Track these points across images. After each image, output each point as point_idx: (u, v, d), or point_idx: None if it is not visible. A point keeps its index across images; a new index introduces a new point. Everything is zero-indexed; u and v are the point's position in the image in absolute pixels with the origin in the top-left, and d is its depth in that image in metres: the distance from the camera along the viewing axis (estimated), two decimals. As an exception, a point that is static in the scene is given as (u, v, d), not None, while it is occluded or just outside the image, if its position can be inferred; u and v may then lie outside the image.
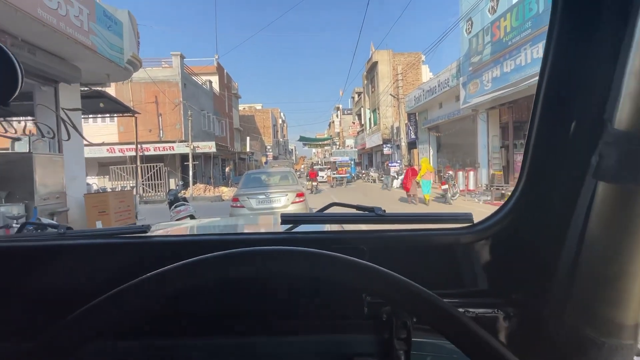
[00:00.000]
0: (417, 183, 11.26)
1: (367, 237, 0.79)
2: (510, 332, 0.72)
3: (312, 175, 19.29)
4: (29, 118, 8.54)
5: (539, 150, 0.66)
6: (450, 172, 12.59)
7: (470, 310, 0.73)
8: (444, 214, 0.79)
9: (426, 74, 25.56)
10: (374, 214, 0.80)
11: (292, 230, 0.88)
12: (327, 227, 1.30)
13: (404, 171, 13.62)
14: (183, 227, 1.84)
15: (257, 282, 0.72)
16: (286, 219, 0.80)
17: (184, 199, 8.10)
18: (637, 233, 0.50)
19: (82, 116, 8.09)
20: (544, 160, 0.66)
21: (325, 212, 0.87)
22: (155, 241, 0.83)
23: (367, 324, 0.73)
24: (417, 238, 0.78)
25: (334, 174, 24.18)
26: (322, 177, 26.38)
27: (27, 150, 5.57)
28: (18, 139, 5.81)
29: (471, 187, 12.85)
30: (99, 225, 6.47)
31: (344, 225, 1.21)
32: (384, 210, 0.80)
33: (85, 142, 7.98)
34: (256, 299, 0.74)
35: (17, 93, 0.58)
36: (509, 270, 0.74)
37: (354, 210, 0.83)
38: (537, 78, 0.65)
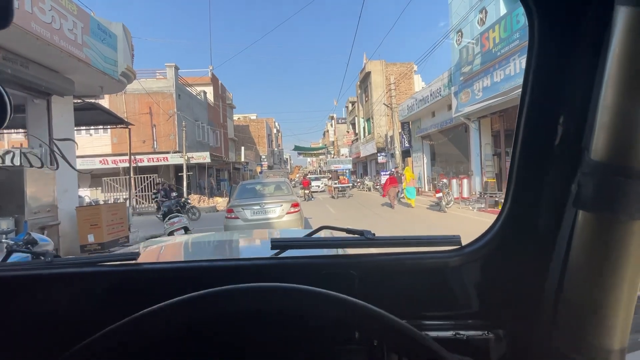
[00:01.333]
0: (400, 190, 13.63)
1: (357, 262, 0.79)
2: (500, 354, 0.73)
3: (305, 184, 21.03)
4: (21, 131, 8.47)
5: (522, 176, 0.68)
6: (445, 180, 12.70)
7: (461, 332, 0.73)
8: (432, 237, 0.80)
9: (418, 83, 25.96)
10: (363, 238, 0.80)
11: (282, 255, 0.87)
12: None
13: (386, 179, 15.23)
14: (173, 245, 1.82)
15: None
16: (276, 244, 0.79)
17: (178, 211, 8.05)
18: (618, 261, 0.52)
19: (76, 128, 8.05)
20: (527, 186, 0.68)
21: (315, 235, 0.87)
22: (144, 269, 0.82)
23: (358, 349, 0.73)
24: (406, 261, 0.79)
25: (335, 183, 22.19)
26: (319, 186, 26.27)
27: (19, 164, 5.50)
28: (8, 152, 5.75)
29: (465, 194, 12.94)
30: (90, 238, 6.38)
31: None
32: (374, 234, 0.81)
33: (77, 152, 7.89)
34: (241, 327, 0.73)
35: (5, 124, 0.58)
36: (498, 292, 0.75)
37: (344, 233, 0.84)
38: None
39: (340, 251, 1.04)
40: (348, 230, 0.84)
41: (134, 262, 0.80)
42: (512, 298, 0.72)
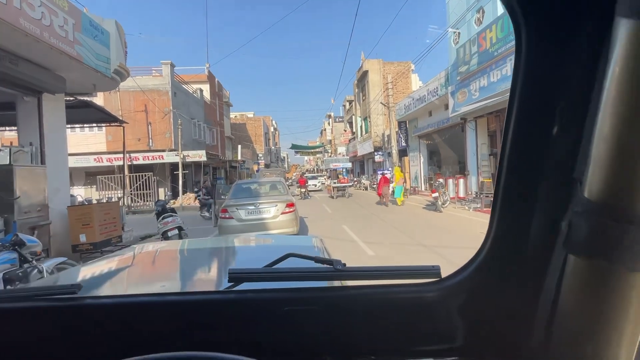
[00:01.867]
0: (391, 189, 14.27)
1: (324, 296, 0.73)
2: None
3: (302, 183, 21.11)
4: (12, 128, 8.34)
5: (506, 207, 0.61)
6: (441, 180, 12.69)
7: None
8: (409, 268, 0.73)
9: (416, 82, 25.97)
10: (332, 269, 0.73)
11: (240, 288, 0.78)
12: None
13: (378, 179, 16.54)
14: (142, 255, 1.74)
15: None
16: (233, 276, 0.72)
17: (172, 210, 7.96)
18: (614, 315, 0.46)
19: (69, 126, 7.94)
20: (512, 219, 0.62)
21: (279, 265, 0.79)
22: (86, 304, 0.74)
23: None
24: (380, 295, 0.73)
25: (335, 182, 21.20)
26: (315, 185, 25.99)
27: (8, 162, 5.41)
28: (-1, 151, 5.64)
29: (461, 194, 12.95)
30: (82, 238, 6.29)
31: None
32: (344, 264, 0.75)
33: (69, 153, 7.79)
34: None
35: None
36: (481, 329, 0.69)
37: (312, 262, 0.77)
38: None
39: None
40: (317, 259, 0.77)
41: (74, 295, 0.72)
42: (497, 335, 0.67)
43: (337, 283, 0.86)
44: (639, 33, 0.37)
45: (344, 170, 33.05)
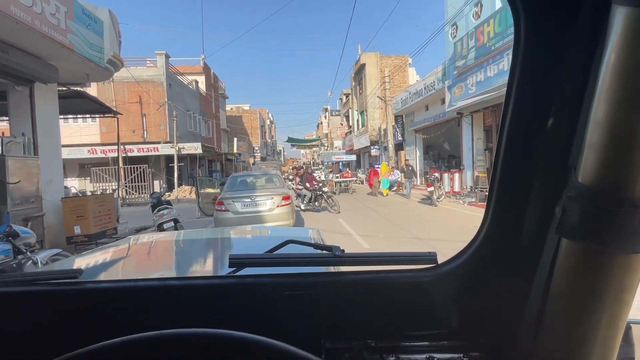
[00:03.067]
0: (379, 181, 15.48)
1: (323, 281, 0.74)
2: None
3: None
4: (3, 118, 8.20)
5: (502, 193, 0.63)
6: (436, 174, 12.75)
7: (436, 356, 0.70)
8: (406, 254, 0.75)
9: (413, 76, 25.87)
10: (331, 254, 0.74)
11: (241, 274, 0.80)
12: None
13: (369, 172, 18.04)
14: (139, 246, 1.74)
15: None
16: (233, 261, 0.73)
17: (168, 202, 7.93)
18: (604, 297, 0.47)
19: (61, 116, 7.82)
20: (508, 205, 0.63)
21: (278, 251, 0.80)
22: (87, 288, 0.75)
23: None
24: (377, 280, 0.74)
25: (337, 177, 18.89)
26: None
27: (0, 153, 5.33)
28: (-10, 141, 5.56)
29: (456, 188, 13.05)
30: (77, 230, 6.26)
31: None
32: (343, 250, 0.76)
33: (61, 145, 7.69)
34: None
35: None
36: (475, 313, 0.71)
37: (311, 249, 0.79)
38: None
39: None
40: (316, 246, 0.79)
41: (75, 280, 0.73)
42: (490, 321, 0.69)
43: (335, 269, 0.87)
44: (635, 21, 0.37)
45: (340, 163, 32.77)
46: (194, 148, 19.06)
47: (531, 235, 0.59)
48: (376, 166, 18.00)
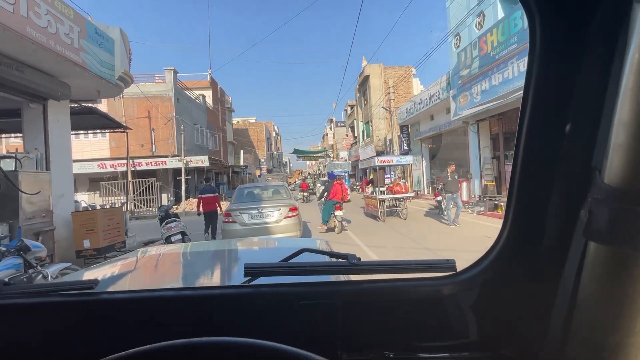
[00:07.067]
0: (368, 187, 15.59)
1: (339, 290, 0.73)
2: None
3: (304, 187, 21.67)
4: (18, 135, 8.42)
5: (523, 196, 0.61)
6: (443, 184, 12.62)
7: None
8: (424, 262, 0.73)
9: (417, 86, 25.99)
10: (347, 263, 0.73)
11: (256, 283, 0.79)
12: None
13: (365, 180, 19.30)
14: (148, 258, 1.75)
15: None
16: (249, 270, 0.72)
17: (176, 215, 7.99)
18: (637, 303, 0.45)
19: (73, 132, 8.00)
20: (529, 209, 0.61)
21: (293, 260, 0.79)
22: (102, 299, 0.76)
23: None
24: (395, 289, 0.72)
25: (383, 192, 11.76)
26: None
27: (13, 169, 5.45)
28: (4, 157, 5.70)
29: (464, 197, 12.89)
30: (86, 244, 6.31)
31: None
32: (359, 258, 0.74)
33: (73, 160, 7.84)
34: None
35: None
36: (497, 323, 0.68)
37: (326, 257, 0.78)
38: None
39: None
40: (331, 254, 0.78)
41: (91, 290, 0.73)
42: (513, 331, 0.66)
43: (349, 278, 0.86)
44: None
45: (346, 174, 32.10)
46: (201, 161, 19.27)
47: (555, 239, 0.57)
48: (387, 176, 18.51)
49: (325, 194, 9.51)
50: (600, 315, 0.49)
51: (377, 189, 11.75)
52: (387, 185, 12.32)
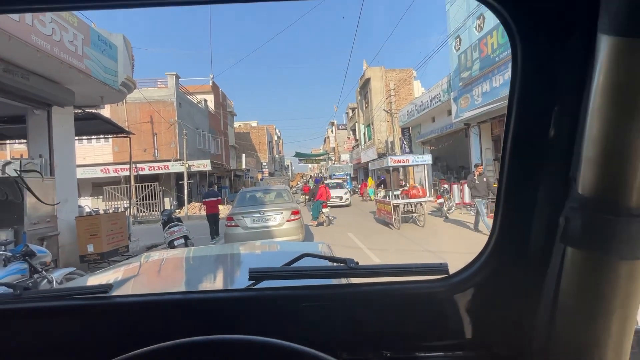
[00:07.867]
0: (367, 191, 20.21)
1: (339, 292, 0.77)
2: None
3: (306, 190, 21.27)
4: (22, 141, 8.52)
5: (509, 205, 0.65)
6: (445, 186, 12.64)
7: None
8: (418, 266, 0.77)
9: (418, 89, 26.05)
10: (346, 267, 0.77)
11: (259, 286, 0.83)
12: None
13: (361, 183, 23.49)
14: (152, 263, 1.78)
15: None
16: (253, 275, 0.76)
17: (178, 219, 8.02)
18: (610, 303, 0.49)
19: (77, 138, 8.09)
20: (515, 216, 0.65)
21: (295, 264, 0.83)
22: (116, 302, 0.79)
23: None
24: (391, 291, 0.76)
25: (398, 196, 10.50)
26: (341, 197, 20.29)
27: (18, 175, 5.50)
28: (8, 163, 5.76)
29: (467, 199, 12.87)
30: (90, 248, 6.36)
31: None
32: (357, 262, 0.78)
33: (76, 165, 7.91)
34: None
35: None
36: (488, 323, 0.72)
37: (326, 262, 0.81)
38: None
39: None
40: (331, 259, 0.81)
41: (106, 295, 0.77)
42: (503, 330, 0.69)
43: (348, 281, 0.88)
44: (617, 47, 0.41)
45: (348, 177, 32.09)
46: (204, 165, 19.37)
47: (538, 245, 0.61)
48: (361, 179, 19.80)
49: (312, 197, 11.95)
50: (579, 315, 0.53)
51: (390, 192, 10.38)
52: (402, 189, 11.32)
